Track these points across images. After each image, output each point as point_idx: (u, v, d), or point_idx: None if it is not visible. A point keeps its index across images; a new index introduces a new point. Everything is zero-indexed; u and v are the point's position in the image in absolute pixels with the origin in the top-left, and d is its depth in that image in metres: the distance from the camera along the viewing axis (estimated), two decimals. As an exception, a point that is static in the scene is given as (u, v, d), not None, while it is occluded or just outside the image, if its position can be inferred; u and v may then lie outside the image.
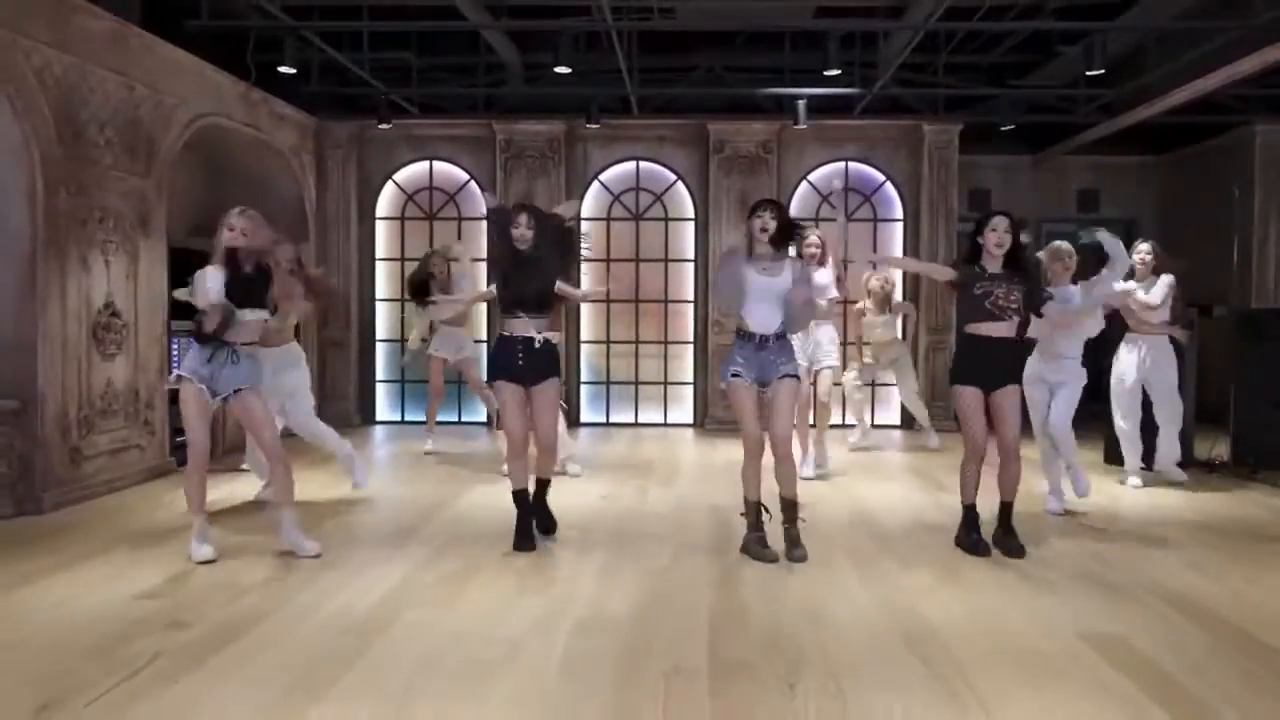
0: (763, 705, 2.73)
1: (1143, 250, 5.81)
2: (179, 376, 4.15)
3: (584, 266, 9.15)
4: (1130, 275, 5.59)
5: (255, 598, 3.65)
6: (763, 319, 4.22)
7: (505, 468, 6.01)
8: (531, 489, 4.58)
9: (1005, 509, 4.42)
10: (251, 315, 4.15)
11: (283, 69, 6.82)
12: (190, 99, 6.58)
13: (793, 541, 4.27)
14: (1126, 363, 6.01)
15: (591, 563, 4.21)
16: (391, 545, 4.49)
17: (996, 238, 4.30)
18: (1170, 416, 6.01)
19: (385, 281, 9.30)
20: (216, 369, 4.11)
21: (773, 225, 4.19)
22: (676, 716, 2.65)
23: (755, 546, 4.26)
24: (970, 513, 4.44)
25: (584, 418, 9.17)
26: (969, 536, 4.42)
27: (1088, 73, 6.20)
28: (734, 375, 4.24)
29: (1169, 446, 6.07)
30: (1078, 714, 2.69)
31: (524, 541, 4.38)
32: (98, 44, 5.54)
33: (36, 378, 5.07)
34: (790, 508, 4.29)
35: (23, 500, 5.01)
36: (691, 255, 9.20)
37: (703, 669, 2.98)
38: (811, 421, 6.41)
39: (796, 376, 4.35)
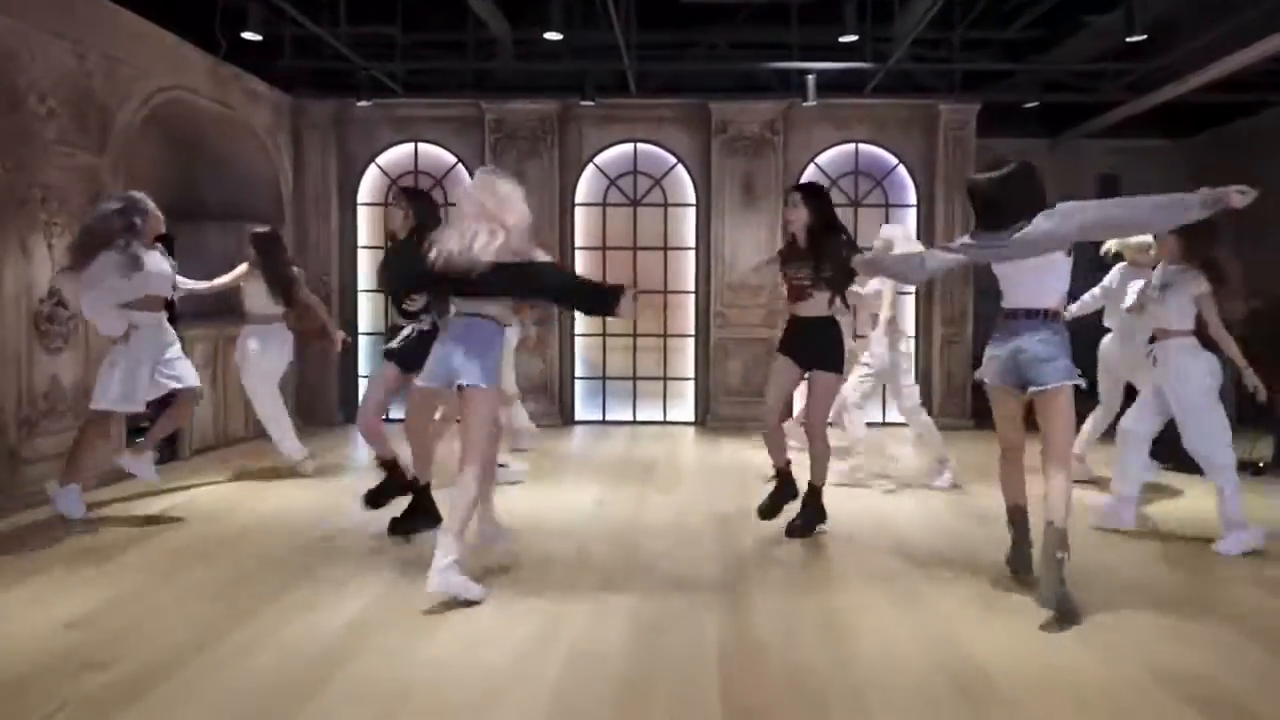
0: (789, 769, 2.26)
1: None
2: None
3: (579, 256, 8.73)
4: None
5: (192, 631, 3.15)
6: None
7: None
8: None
9: (810, 489, 4.41)
10: None
11: (248, 35, 6.29)
12: (151, 70, 6.06)
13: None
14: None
15: (585, 582, 3.73)
16: (362, 558, 4.01)
17: (788, 215, 4.22)
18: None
19: (368, 271, 8.79)
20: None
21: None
22: (685, 785, 2.19)
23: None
24: (779, 474, 4.45)
25: (579, 415, 8.68)
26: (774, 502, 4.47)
27: (1127, 39, 5.70)
28: None
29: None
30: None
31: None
32: (40, 5, 5.02)
33: (-32, 373, 4.58)
34: None
35: (-46, 509, 4.52)
36: (692, 243, 8.70)
37: (715, 714, 2.51)
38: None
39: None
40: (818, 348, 4.28)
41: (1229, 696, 2.66)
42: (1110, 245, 5.35)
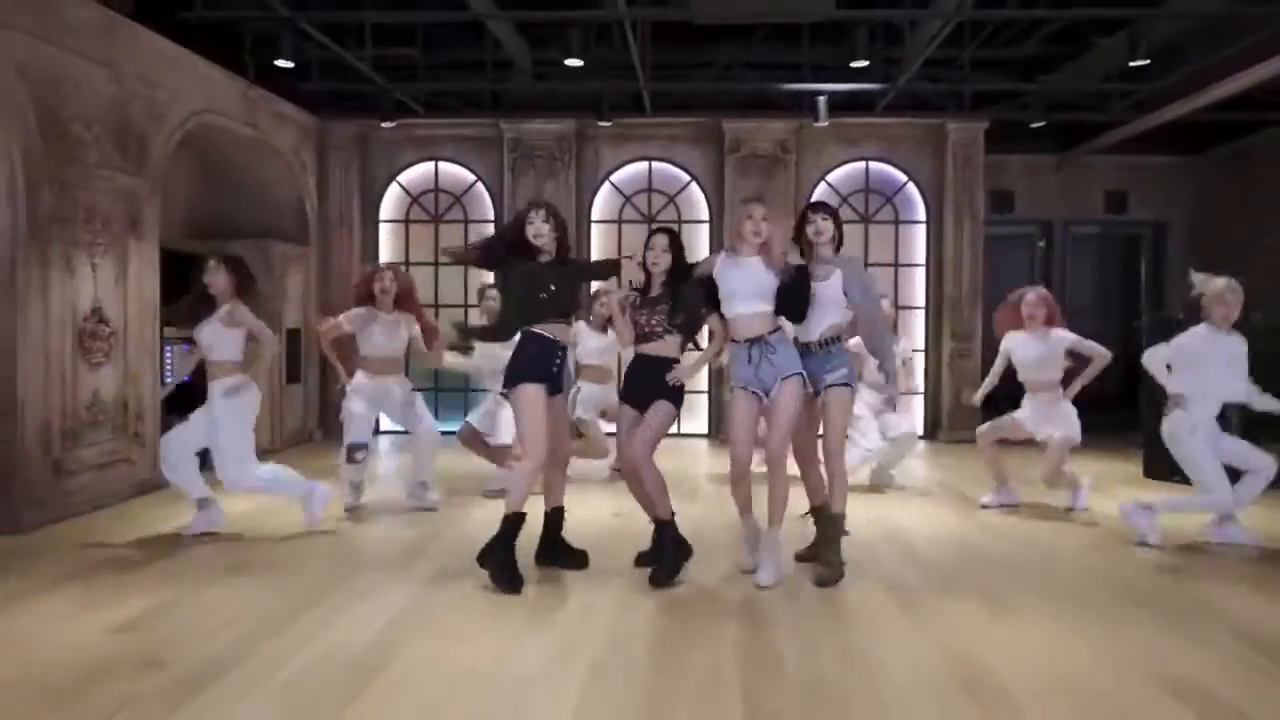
0: (808, 766, 2.39)
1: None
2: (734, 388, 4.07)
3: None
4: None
5: (240, 630, 3.33)
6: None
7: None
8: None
9: (659, 528, 4.14)
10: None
11: (280, 62, 6.52)
12: (184, 95, 6.29)
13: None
14: None
15: (607, 593, 3.87)
16: (393, 568, 4.18)
17: (653, 256, 4.04)
18: None
19: (389, 286, 9.00)
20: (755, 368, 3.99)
21: (829, 228, 4.13)
22: (711, 780, 2.33)
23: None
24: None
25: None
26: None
27: (1131, 63, 5.85)
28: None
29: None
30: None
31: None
32: (84, 35, 5.25)
33: (16, 387, 4.77)
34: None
35: (1, 517, 4.70)
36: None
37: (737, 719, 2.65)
38: None
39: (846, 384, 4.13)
40: (658, 382, 4.04)
41: (1235, 709, 2.77)
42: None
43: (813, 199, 8.72)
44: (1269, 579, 4.14)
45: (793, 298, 3.97)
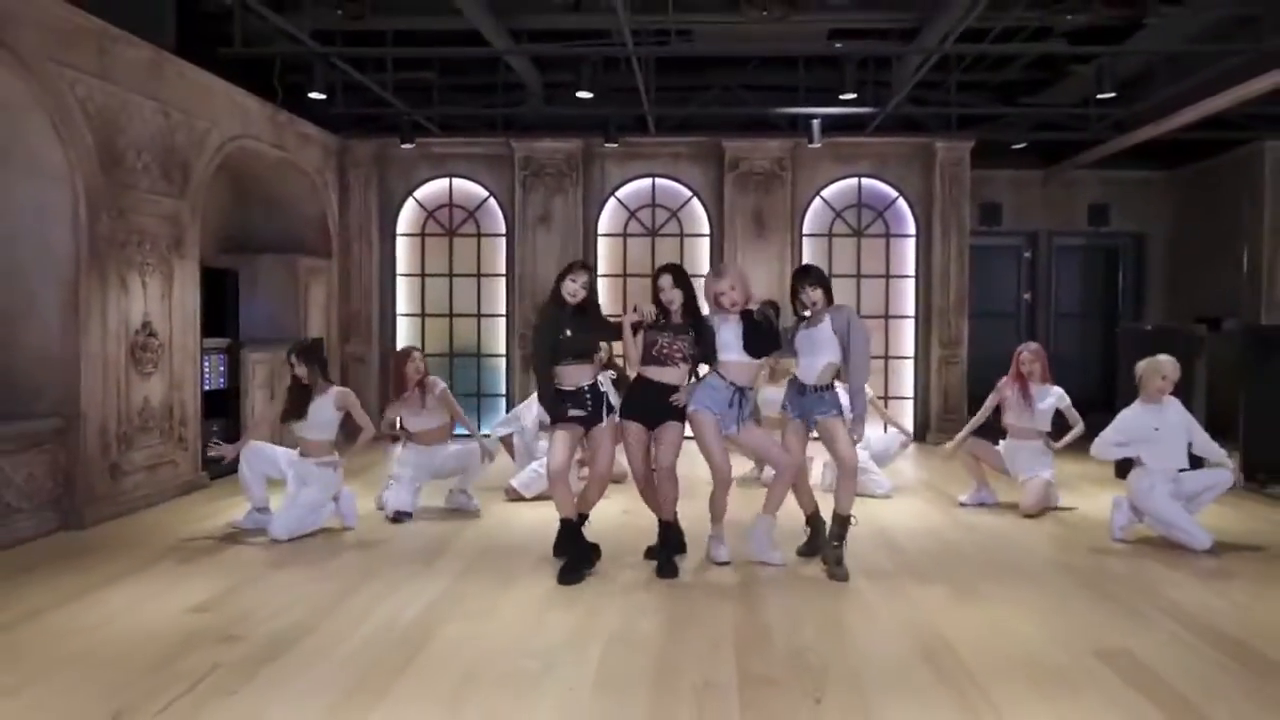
0: (792, 718, 2.86)
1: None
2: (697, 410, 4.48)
3: (602, 282, 9.36)
4: None
5: (300, 611, 3.80)
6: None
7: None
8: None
9: (663, 526, 4.62)
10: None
11: (313, 94, 7.00)
12: (221, 122, 6.76)
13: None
14: None
15: (619, 579, 4.35)
16: (424, 561, 4.65)
17: (666, 296, 4.43)
18: None
19: (406, 297, 9.49)
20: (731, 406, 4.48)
21: (819, 296, 4.54)
22: (710, 729, 2.79)
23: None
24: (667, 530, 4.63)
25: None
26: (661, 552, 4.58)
27: (1098, 95, 6.33)
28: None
29: None
30: (1094, 728, 2.81)
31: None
32: (136, 72, 5.73)
33: (79, 396, 5.25)
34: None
35: (66, 515, 5.18)
36: (707, 271, 9.33)
37: (732, 684, 3.12)
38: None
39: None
40: (668, 406, 4.48)
41: (1158, 675, 3.22)
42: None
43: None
44: (1219, 573, 4.58)
45: (753, 338, 4.46)
